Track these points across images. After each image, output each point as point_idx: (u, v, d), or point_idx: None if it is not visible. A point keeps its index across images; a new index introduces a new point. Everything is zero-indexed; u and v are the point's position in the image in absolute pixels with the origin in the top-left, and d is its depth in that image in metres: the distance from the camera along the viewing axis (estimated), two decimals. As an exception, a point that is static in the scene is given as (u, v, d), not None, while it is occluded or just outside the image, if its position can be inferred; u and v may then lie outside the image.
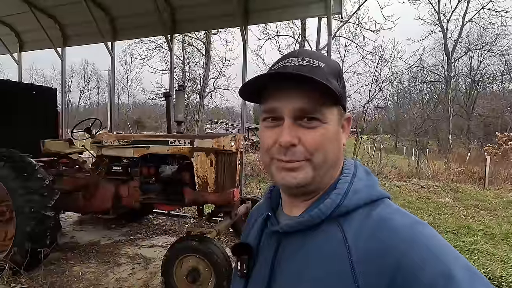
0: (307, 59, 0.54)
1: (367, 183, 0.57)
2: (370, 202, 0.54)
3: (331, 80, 0.54)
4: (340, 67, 0.58)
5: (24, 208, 2.94)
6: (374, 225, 0.49)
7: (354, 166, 0.60)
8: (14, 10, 6.00)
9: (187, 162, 3.35)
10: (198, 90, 16.79)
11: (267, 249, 0.60)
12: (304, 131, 0.54)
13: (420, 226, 0.48)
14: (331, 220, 0.53)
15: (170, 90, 5.41)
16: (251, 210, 0.80)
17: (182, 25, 5.47)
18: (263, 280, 0.57)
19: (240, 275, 0.62)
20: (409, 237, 0.46)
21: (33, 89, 4.83)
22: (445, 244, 0.46)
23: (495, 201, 7.56)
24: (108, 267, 3.39)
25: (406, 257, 0.44)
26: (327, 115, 0.54)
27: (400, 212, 0.52)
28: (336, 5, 4.37)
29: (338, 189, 0.55)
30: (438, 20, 23.39)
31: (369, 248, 0.47)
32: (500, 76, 24.98)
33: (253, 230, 0.68)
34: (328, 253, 0.51)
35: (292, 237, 0.57)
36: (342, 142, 0.59)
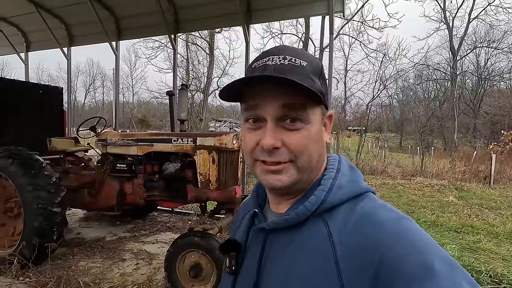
0: (288, 58, 0.53)
1: (351, 178, 0.57)
2: (354, 197, 0.54)
3: (314, 79, 0.53)
4: (322, 65, 0.58)
5: (32, 204, 3.02)
6: (358, 219, 0.49)
7: (338, 162, 0.60)
8: (21, 11, 6.12)
9: (190, 159, 3.41)
10: (202, 88, 16.87)
11: (254, 246, 0.61)
12: (287, 133, 0.53)
13: (404, 220, 0.48)
14: (316, 217, 0.53)
15: (173, 89, 5.47)
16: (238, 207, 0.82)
17: (186, 25, 5.53)
18: (251, 277, 0.57)
19: (229, 271, 0.63)
20: (393, 232, 0.46)
21: (40, 88, 4.93)
22: (428, 238, 0.46)
23: (500, 200, 7.50)
24: (113, 262, 3.46)
25: (391, 251, 0.44)
26: (310, 116, 0.54)
27: (384, 207, 0.52)
28: (338, 4, 4.39)
29: (323, 185, 0.55)
30: (444, 17, 23.10)
31: (353, 242, 0.47)
32: (507, 73, 24.61)
33: (241, 227, 0.69)
34: (313, 249, 0.51)
35: (278, 234, 0.57)
36: (325, 140, 0.58)
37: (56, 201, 3.11)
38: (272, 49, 0.56)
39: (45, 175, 3.18)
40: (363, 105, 16.66)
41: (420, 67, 23.63)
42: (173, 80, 5.71)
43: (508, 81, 25.46)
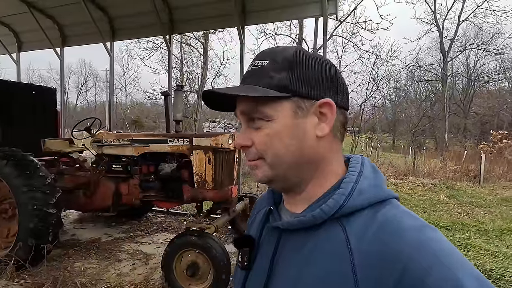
0: (254, 63, 0.56)
1: (373, 182, 0.54)
2: (376, 203, 0.51)
3: (273, 75, 0.52)
4: (296, 53, 0.54)
5: (27, 205, 3.01)
6: (378, 226, 0.47)
7: (361, 164, 0.57)
8: (13, 11, 6.05)
9: (186, 160, 3.42)
10: (196, 89, 16.84)
11: (267, 244, 0.60)
12: (254, 133, 0.55)
13: (428, 230, 0.46)
14: (333, 220, 0.51)
15: (168, 90, 5.48)
16: (256, 201, 0.81)
17: (180, 26, 5.55)
18: (263, 274, 0.57)
19: (241, 266, 0.63)
20: (416, 241, 0.44)
21: (33, 89, 4.89)
22: (454, 251, 0.44)
23: (490, 198, 7.68)
24: (109, 263, 3.46)
25: (413, 262, 0.42)
26: (269, 113, 0.53)
27: (408, 214, 0.49)
28: (332, 6, 4.46)
29: (342, 189, 0.52)
30: (434, 20, 23.53)
31: (372, 250, 0.45)
32: (496, 75, 25.20)
33: (255, 223, 0.69)
34: (329, 253, 0.49)
35: (293, 234, 0.56)
36: (316, 133, 0.54)
37: (51, 202, 3.10)
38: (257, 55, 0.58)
39: (40, 176, 3.16)
40: (357, 106, 16.85)
41: (411, 68, 24.01)
42: (168, 81, 5.72)
43: (496, 82, 26.06)
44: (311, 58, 0.54)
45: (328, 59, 0.57)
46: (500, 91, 24.76)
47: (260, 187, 7.09)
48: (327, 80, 0.54)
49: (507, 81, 25.97)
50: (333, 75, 0.55)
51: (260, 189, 6.94)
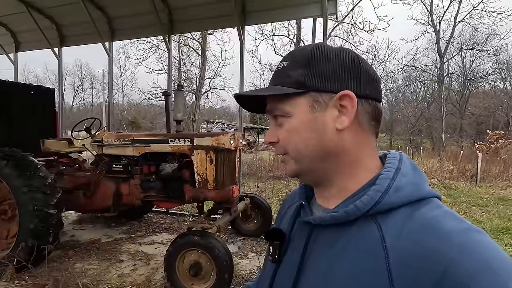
0: (278, 64, 0.58)
1: (412, 180, 0.52)
2: (414, 201, 0.49)
3: (290, 74, 0.55)
4: (314, 50, 0.55)
5: (27, 206, 2.99)
6: (417, 226, 0.45)
7: (399, 160, 0.55)
8: (11, 10, 6.00)
9: (187, 160, 3.42)
10: (194, 90, 16.82)
11: (298, 238, 0.60)
12: (278, 130, 0.58)
13: (475, 233, 0.43)
14: (368, 217, 0.50)
15: (168, 90, 5.47)
16: (286, 195, 0.81)
17: (180, 26, 5.54)
18: (293, 267, 0.57)
19: (271, 260, 0.63)
20: (460, 244, 0.41)
21: (31, 89, 4.85)
22: (504, 256, 0.41)
23: (487, 197, 7.75)
24: (110, 264, 3.44)
25: (456, 266, 0.39)
26: (287, 109, 0.55)
27: (451, 215, 0.46)
28: (331, 6, 4.49)
29: (378, 185, 0.50)
30: (431, 21, 23.73)
31: (409, 250, 0.43)
32: (491, 75, 25.46)
33: (286, 217, 0.69)
34: (363, 251, 0.48)
35: (325, 229, 0.55)
36: (336, 127, 0.53)
37: (52, 202, 3.08)
38: None
39: (40, 176, 3.14)
40: (354, 106, 16.87)
41: (408, 69, 24.17)
42: (167, 81, 5.71)
43: (492, 83, 26.32)
44: (330, 52, 0.54)
45: (351, 51, 0.56)
46: (496, 92, 25.01)
47: (260, 188, 7.08)
48: (347, 71, 0.53)
49: (502, 82, 26.26)
50: (355, 66, 0.53)
51: (260, 189, 6.94)
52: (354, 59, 0.54)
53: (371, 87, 0.55)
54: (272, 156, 12.87)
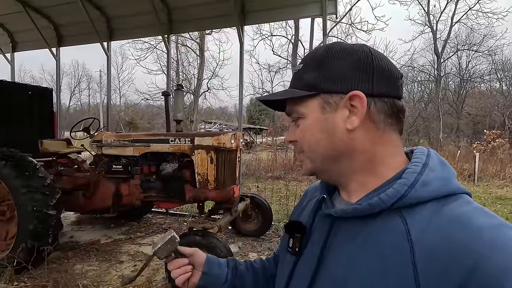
0: (297, 67, 0.61)
1: (440, 175, 0.51)
2: (442, 197, 0.48)
3: (303, 77, 0.57)
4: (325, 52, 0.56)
5: (26, 207, 2.95)
6: (446, 222, 0.45)
7: (427, 155, 0.54)
8: (8, 10, 5.95)
9: (187, 159, 3.40)
10: (192, 90, 16.79)
11: (319, 231, 0.61)
12: (296, 129, 0.61)
13: (507, 229, 0.42)
14: (392, 211, 0.50)
15: (167, 90, 5.44)
16: (306, 189, 0.82)
17: (179, 25, 5.52)
18: (313, 260, 0.57)
19: (291, 252, 0.64)
20: (491, 240, 0.40)
21: (29, 89, 4.81)
22: None
23: (484, 196, 7.80)
24: (110, 265, 3.42)
25: (487, 261, 0.39)
26: (301, 111, 0.58)
27: (482, 211, 0.46)
28: (331, 6, 4.49)
29: (404, 179, 0.50)
30: (428, 21, 23.83)
31: (437, 245, 0.43)
32: (487, 75, 25.63)
33: (306, 210, 0.70)
34: (386, 244, 0.47)
35: (346, 222, 0.56)
36: (346, 127, 0.54)
37: (51, 203, 3.05)
38: None
39: (39, 177, 3.11)
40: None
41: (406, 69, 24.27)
42: (167, 81, 5.68)
43: (488, 83, 26.51)
44: (341, 52, 0.55)
45: (365, 48, 0.55)
46: (492, 92, 25.18)
47: (259, 188, 7.08)
48: (358, 71, 0.53)
49: (498, 82, 26.46)
50: (367, 64, 0.53)
51: (260, 189, 6.93)
52: (367, 57, 0.54)
53: (386, 84, 0.54)
54: (270, 156, 12.87)
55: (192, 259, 0.79)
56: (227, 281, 0.79)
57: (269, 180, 8.62)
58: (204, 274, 0.78)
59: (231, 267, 0.82)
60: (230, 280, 0.79)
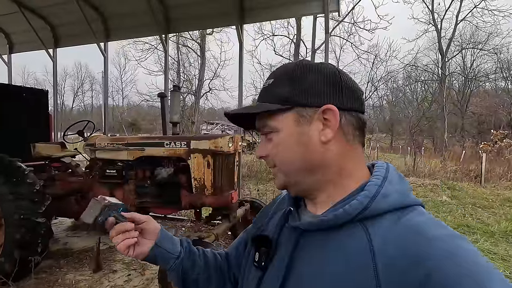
0: (265, 82, 0.62)
1: (398, 188, 0.54)
2: (400, 208, 0.51)
3: (274, 91, 0.58)
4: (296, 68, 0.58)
5: (13, 215, 2.81)
6: (403, 231, 0.47)
7: (386, 169, 0.57)
8: (3, 11, 5.86)
9: (183, 164, 3.26)
10: (193, 91, 16.69)
11: (286, 244, 0.61)
12: (268, 144, 0.61)
13: (458, 240, 0.45)
14: (355, 222, 0.52)
15: (165, 91, 5.31)
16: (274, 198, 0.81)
17: (177, 25, 5.39)
18: (279, 274, 0.57)
19: (257, 265, 0.63)
20: (444, 250, 0.43)
21: (23, 91, 4.70)
22: (485, 262, 0.42)
23: (492, 198, 7.59)
24: (103, 274, 3.28)
25: (440, 271, 0.41)
26: (275, 125, 0.58)
27: (435, 222, 0.49)
28: (333, 3, 4.33)
29: (367, 191, 0.53)
30: (432, 19, 23.59)
31: (396, 255, 0.45)
32: (493, 74, 25.28)
33: (271, 223, 0.69)
34: (350, 254, 0.49)
35: (313, 235, 0.57)
36: (320, 139, 0.55)
37: (40, 210, 2.91)
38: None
39: (28, 183, 2.97)
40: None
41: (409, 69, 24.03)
42: (164, 82, 5.55)
43: (493, 82, 26.16)
44: (311, 68, 0.57)
45: (332, 66, 0.59)
46: (497, 91, 24.85)
47: (260, 191, 6.92)
48: (330, 85, 0.56)
49: (504, 81, 26.08)
50: (336, 80, 0.56)
51: (260, 192, 6.78)
52: (335, 74, 0.57)
53: (353, 99, 0.57)
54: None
55: (144, 226, 0.74)
56: (179, 259, 0.75)
57: (271, 182, 8.46)
58: (156, 246, 0.74)
59: (185, 247, 0.78)
60: (182, 259, 0.75)
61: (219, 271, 0.79)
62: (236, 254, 0.80)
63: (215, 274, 0.78)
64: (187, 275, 0.75)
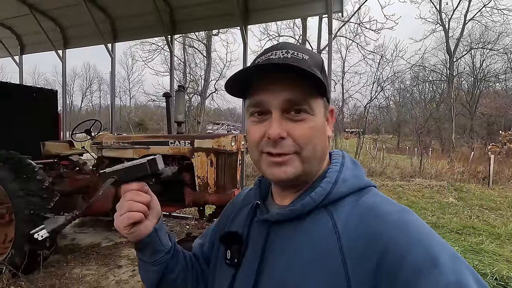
0: (291, 51, 0.54)
1: (354, 172, 0.59)
2: (357, 191, 0.56)
3: (316, 72, 0.53)
4: (322, 60, 0.59)
5: (23, 210, 2.91)
6: (362, 212, 0.52)
7: (342, 156, 0.62)
8: (15, 13, 6.03)
9: (187, 162, 3.32)
10: (199, 91, 16.81)
11: (257, 238, 0.61)
12: (293, 124, 0.54)
13: (406, 213, 0.50)
14: (320, 208, 0.55)
15: (170, 91, 5.39)
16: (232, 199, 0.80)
17: (182, 26, 5.47)
18: (253, 269, 0.57)
19: (230, 263, 0.62)
20: (396, 223, 0.48)
21: (34, 91, 4.83)
22: (430, 230, 0.48)
23: (500, 200, 7.47)
24: (109, 269, 3.36)
25: (394, 242, 0.46)
26: (314, 107, 0.55)
27: (387, 200, 0.54)
28: (337, 4, 4.35)
29: (328, 177, 0.56)
30: (440, 19, 23.27)
31: (357, 233, 0.49)
32: (503, 74, 24.79)
33: (239, 219, 0.69)
34: (318, 239, 0.52)
35: (282, 225, 0.58)
36: (328, 135, 0.60)
37: (48, 206, 3.00)
38: (274, 45, 0.58)
39: (37, 179, 3.07)
40: (361, 107, 16.68)
41: (416, 69, 23.75)
42: (170, 82, 5.64)
43: (503, 82, 25.66)
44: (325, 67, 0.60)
45: None
46: (508, 91, 24.38)
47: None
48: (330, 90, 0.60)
49: (514, 81, 25.53)
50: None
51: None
52: None
53: None
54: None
55: (153, 204, 0.65)
56: (168, 254, 0.68)
57: (275, 182, 8.49)
58: (155, 231, 0.65)
59: (173, 242, 0.72)
60: (171, 254, 0.69)
61: (194, 271, 0.75)
62: (202, 254, 0.78)
63: (191, 274, 0.74)
64: (167, 274, 0.69)
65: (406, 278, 0.42)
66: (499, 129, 16.43)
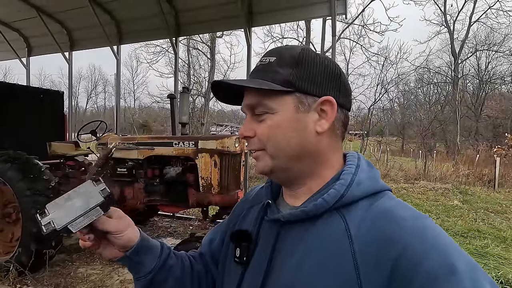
0: (262, 59, 0.59)
1: (369, 175, 0.57)
2: (372, 194, 0.55)
3: (279, 71, 0.55)
4: (302, 52, 0.57)
5: (30, 210, 2.96)
6: (376, 216, 0.51)
7: (357, 158, 0.60)
8: (23, 16, 6.13)
9: (191, 163, 3.34)
10: (203, 93, 16.89)
11: (267, 237, 0.61)
12: (257, 124, 0.59)
13: (422, 219, 0.49)
14: (333, 211, 0.54)
15: (175, 93, 5.43)
16: (242, 197, 0.80)
17: (187, 28, 5.53)
18: (261, 268, 0.57)
19: (239, 261, 0.62)
20: (411, 229, 0.47)
21: (40, 92, 4.90)
22: (446, 237, 0.47)
23: (506, 203, 7.40)
24: (113, 269, 3.39)
25: (409, 248, 0.45)
26: (273, 106, 0.56)
27: (403, 205, 0.53)
28: (340, 6, 4.36)
29: (342, 179, 0.55)
30: (445, 21, 23.16)
31: (371, 238, 0.48)
32: (508, 76, 24.55)
33: (249, 217, 0.69)
34: (330, 241, 0.51)
35: (293, 226, 0.57)
36: (316, 129, 0.56)
37: (55, 206, 3.04)
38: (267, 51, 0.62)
39: (44, 179, 3.12)
40: (365, 109, 16.63)
41: (421, 71, 23.64)
42: (174, 83, 5.69)
43: (509, 84, 25.42)
44: (317, 57, 0.57)
45: (333, 61, 0.60)
46: (513, 94, 24.12)
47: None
48: (331, 79, 0.57)
49: (520, 83, 25.28)
50: (337, 75, 0.58)
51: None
52: (337, 69, 0.59)
53: (347, 98, 0.61)
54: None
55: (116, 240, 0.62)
56: (150, 274, 0.65)
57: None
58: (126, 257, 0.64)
59: (163, 258, 0.68)
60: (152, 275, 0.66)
61: (195, 276, 0.73)
62: (210, 251, 0.77)
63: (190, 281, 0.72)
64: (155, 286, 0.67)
65: (422, 285, 0.41)
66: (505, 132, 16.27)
